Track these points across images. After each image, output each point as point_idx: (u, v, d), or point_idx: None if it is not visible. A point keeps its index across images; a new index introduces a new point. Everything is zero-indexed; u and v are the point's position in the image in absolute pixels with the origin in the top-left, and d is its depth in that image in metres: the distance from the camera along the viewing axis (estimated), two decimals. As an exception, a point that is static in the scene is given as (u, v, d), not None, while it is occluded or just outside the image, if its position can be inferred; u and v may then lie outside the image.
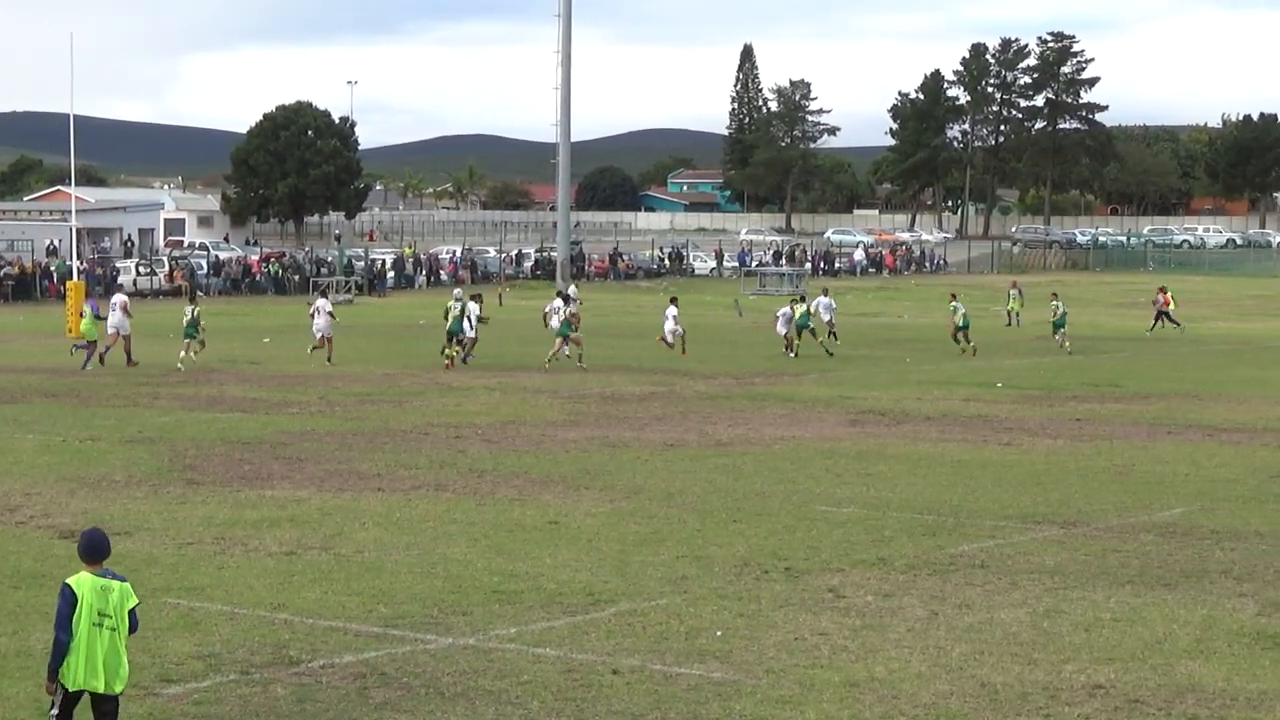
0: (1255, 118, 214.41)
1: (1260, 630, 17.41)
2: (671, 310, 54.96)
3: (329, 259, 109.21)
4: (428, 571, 19.87)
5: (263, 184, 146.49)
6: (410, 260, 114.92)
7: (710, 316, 74.39)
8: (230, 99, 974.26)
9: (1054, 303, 61.36)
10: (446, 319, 50.60)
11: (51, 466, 28.36)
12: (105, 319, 48.88)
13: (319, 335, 50.28)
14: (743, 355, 54.57)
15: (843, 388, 43.72)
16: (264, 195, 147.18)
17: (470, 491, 26.04)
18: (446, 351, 50.19)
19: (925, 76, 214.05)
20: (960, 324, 57.24)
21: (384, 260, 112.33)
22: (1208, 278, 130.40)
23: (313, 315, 51.08)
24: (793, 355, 53.49)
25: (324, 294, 64.62)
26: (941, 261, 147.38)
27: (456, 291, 54.16)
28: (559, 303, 53.83)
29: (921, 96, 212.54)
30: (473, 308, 51.34)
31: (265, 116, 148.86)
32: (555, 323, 52.20)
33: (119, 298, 51.36)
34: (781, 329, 55.25)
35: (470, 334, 51.20)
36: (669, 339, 54.39)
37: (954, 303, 58.73)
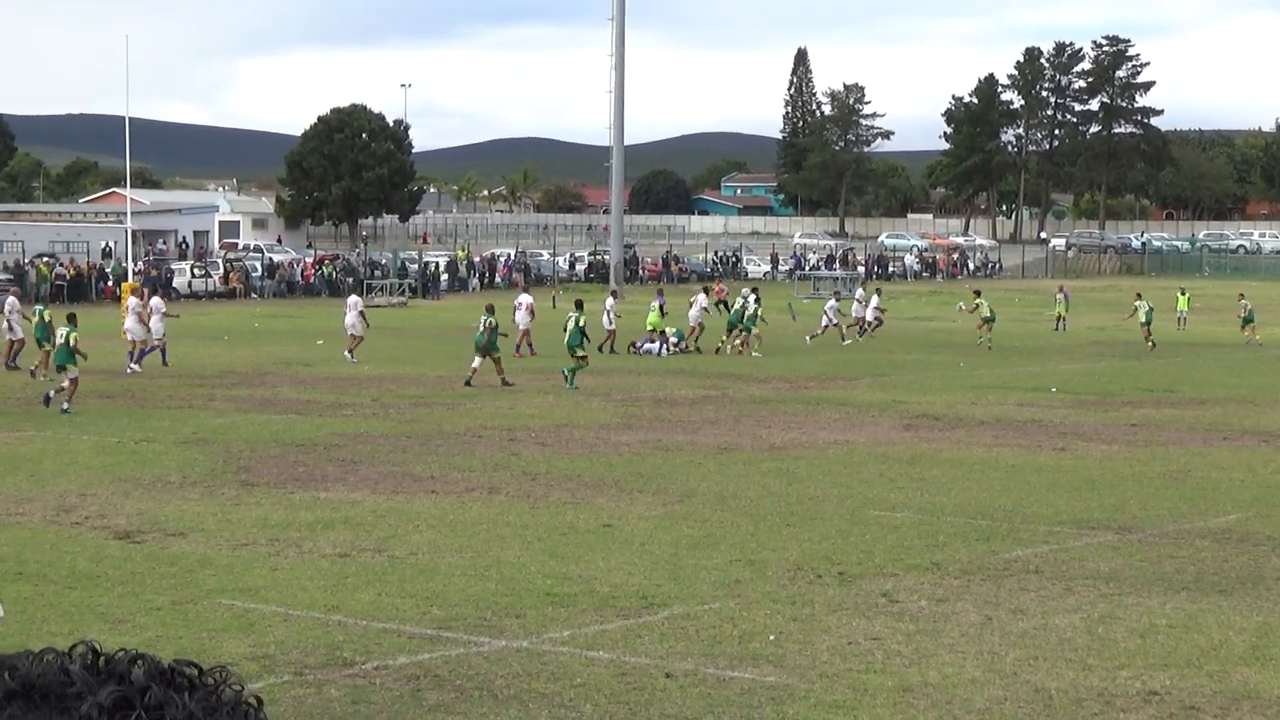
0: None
1: (1317, 638, 17.29)
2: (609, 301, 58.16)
3: (383, 261, 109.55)
4: (481, 574, 19.87)
5: (317, 187, 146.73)
6: (464, 263, 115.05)
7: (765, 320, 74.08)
8: (284, 102, 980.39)
9: (1243, 301, 66.23)
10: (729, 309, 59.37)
11: (107, 467, 28.50)
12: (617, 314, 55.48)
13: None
14: (796, 359, 54.49)
15: (896, 392, 43.62)
16: (318, 198, 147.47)
17: (524, 494, 26.04)
18: (729, 340, 57.27)
19: (979, 80, 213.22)
20: (1144, 320, 61.46)
21: (438, 263, 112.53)
22: (1263, 283, 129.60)
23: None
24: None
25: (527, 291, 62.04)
26: (997, 266, 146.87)
27: (703, 291, 63.45)
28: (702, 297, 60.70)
29: (975, 100, 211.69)
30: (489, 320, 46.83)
31: (319, 119, 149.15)
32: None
33: (524, 298, 56.58)
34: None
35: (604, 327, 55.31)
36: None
37: (1138, 302, 63.05)
